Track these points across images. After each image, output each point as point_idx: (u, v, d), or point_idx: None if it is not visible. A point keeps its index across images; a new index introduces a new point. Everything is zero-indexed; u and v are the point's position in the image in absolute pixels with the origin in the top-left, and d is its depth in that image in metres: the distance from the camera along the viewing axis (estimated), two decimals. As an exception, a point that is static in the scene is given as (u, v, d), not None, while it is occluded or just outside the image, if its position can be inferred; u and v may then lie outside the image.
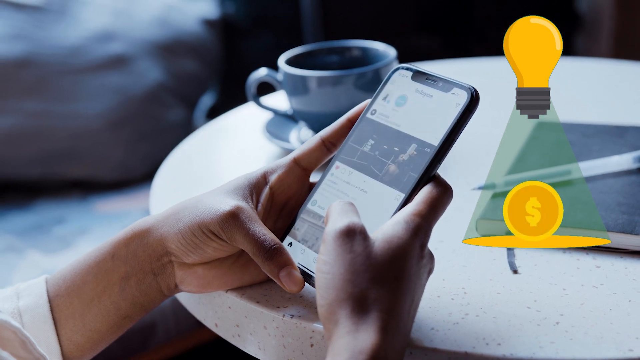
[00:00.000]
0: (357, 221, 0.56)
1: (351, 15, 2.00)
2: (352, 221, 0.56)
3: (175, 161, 0.98)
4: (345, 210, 0.57)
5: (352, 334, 0.52)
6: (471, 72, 1.25)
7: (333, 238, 0.55)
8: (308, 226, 0.64)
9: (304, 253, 0.63)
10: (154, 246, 0.64)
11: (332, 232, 0.56)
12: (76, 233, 1.48)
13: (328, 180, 0.64)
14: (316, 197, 0.64)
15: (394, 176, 0.61)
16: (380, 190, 0.61)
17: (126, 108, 1.66)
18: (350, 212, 0.57)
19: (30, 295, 0.66)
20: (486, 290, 0.65)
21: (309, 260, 0.63)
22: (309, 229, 0.64)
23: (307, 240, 0.63)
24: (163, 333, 1.32)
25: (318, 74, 0.91)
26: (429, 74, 0.63)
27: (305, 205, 0.65)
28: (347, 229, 0.55)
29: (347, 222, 0.56)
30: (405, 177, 0.60)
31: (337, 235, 0.55)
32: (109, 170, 1.66)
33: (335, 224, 0.56)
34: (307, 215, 0.64)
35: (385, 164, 0.61)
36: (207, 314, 0.71)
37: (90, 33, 1.69)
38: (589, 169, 0.79)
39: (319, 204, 0.64)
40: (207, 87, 1.89)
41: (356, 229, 0.55)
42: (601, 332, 0.59)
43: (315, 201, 0.64)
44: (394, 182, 0.60)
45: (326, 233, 0.56)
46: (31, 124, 1.61)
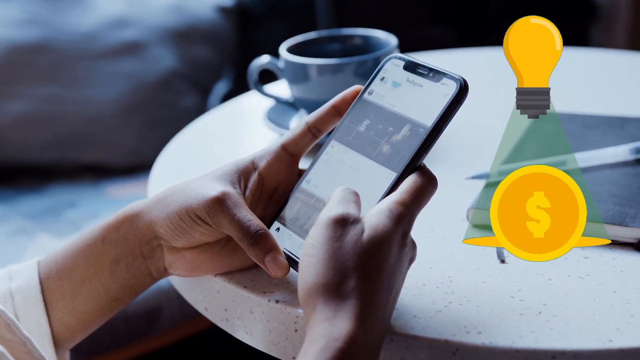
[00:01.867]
0: (353, 212, 0.56)
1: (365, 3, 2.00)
2: (347, 211, 0.56)
3: (177, 148, 0.99)
4: (346, 199, 0.58)
5: (329, 320, 0.52)
6: (483, 62, 1.25)
7: (324, 224, 0.56)
8: (300, 205, 0.64)
9: (290, 238, 0.64)
10: (143, 230, 0.65)
11: (326, 217, 0.56)
12: (87, 217, 1.50)
13: (323, 159, 0.65)
14: (310, 176, 0.65)
15: (379, 166, 0.61)
16: (374, 169, 0.61)
17: (139, 94, 1.68)
18: (350, 201, 0.57)
19: (22, 277, 0.67)
20: (472, 279, 0.65)
21: (295, 245, 0.63)
22: (302, 207, 0.64)
23: (299, 219, 0.64)
24: (168, 317, 1.33)
25: (318, 61, 0.91)
26: (420, 64, 0.63)
27: (298, 185, 0.65)
28: (340, 217, 0.55)
29: (342, 211, 0.56)
30: (390, 167, 0.60)
31: (330, 221, 0.55)
32: (122, 155, 1.67)
33: (331, 210, 0.56)
34: (300, 194, 0.65)
35: (379, 143, 0.62)
36: (197, 298, 0.71)
37: (105, 19, 1.70)
38: (584, 160, 0.79)
39: (313, 182, 0.64)
40: (221, 74, 1.90)
41: (349, 219, 0.55)
42: (582, 323, 0.58)
43: (309, 180, 0.65)
44: (379, 172, 0.61)
45: (320, 217, 0.56)
46: (45, 108, 1.63)
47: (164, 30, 1.74)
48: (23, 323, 0.65)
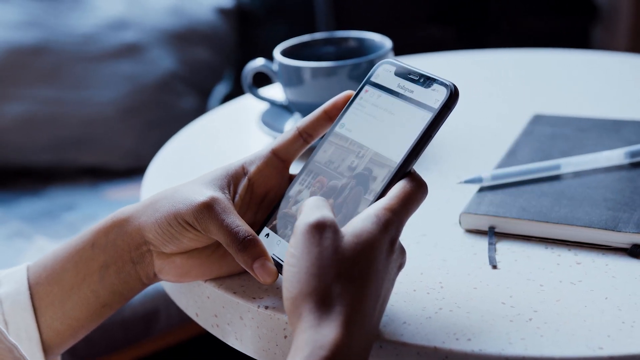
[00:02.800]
0: (329, 216, 0.56)
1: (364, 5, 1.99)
2: (323, 215, 0.55)
3: (170, 151, 0.98)
4: (319, 205, 0.57)
5: (314, 328, 0.52)
6: (480, 64, 1.24)
7: (302, 231, 0.55)
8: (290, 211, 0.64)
9: (279, 244, 0.63)
10: (132, 235, 0.64)
11: (302, 225, 0.55)
12: (85, 220, 1.50)
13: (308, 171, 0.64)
14: (300, 182, 0.64)
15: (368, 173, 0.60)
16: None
17: (139, 96, 1.68)
18: (323, 207, 0.57)
19: (10, 283, 0.66)
20: (463, 285, 0.64)
21: (284, 251, 0.62)
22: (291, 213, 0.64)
23: (288, 225, 0.63)
24: (165, 320, 1.33)
25: (312, 64, 0.90)
26: (411, 69, 0.63)
27: (288, 191, 0.65)
28: (317, 223, 0.55)
29: (318, 216, 0.55)
30: (379, 173, 0.60)
31: (307, 228, 0.55)
32: (120, 157, 1.67)
33: (307, 217, 0.56)
34: (289, 200, 0.64)
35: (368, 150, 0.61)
36: (188, 304, 0.71)
37: (104, 21, 1.70)
38: (579, 163, 0.78)
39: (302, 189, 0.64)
40: (221, 76, 1.89)
41: (326, 223, 0.55)
42: (573, 329, 0.58)
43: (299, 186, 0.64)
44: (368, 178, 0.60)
45: (296, 226, 0.56)
46: (44, 110, 1.63)
47: (163, 32, 1.73)
48: (12, 329, 0.65)
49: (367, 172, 0.61)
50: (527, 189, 0.75)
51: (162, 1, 1.77)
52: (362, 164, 0.61)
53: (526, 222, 0.70)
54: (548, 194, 0.74)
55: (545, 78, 1.15)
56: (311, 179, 0.64)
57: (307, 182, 0.64)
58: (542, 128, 0.89)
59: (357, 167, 0.61)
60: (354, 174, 0.61)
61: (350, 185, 0.61)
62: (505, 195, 0.74)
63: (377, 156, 0.61)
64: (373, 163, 0.61)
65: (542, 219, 0.70)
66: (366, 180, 0.60)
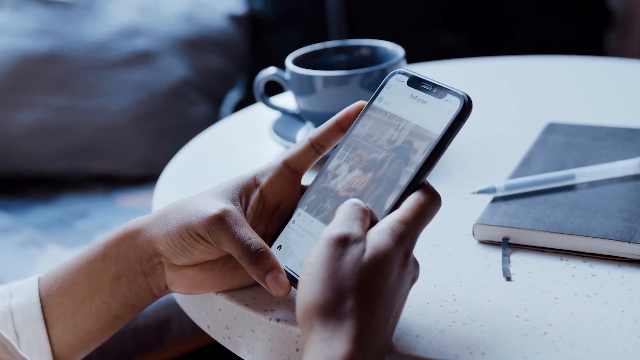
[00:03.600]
0: (356, 231, 0.55)
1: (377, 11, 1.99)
2: (350, 230, 0.55)
3: (182, 160, 0.98)
4: (351, 216, 0.56)
5: (326, 342, 0.51)
6: (494, 71, 1.24)
7: (325, 243, 0.55)
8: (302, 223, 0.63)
9: (292, 257, 0.63)
10: (144, 247, 0.64)
11: (327, 236, 0.55)
12: (98, 228, 1.50)
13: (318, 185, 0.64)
14: (312, 195, 0.64)
15: (382, 184, 0.60)
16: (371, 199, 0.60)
17: (150, 103, 1.68)
18: (355, 219, 0.56)
19: (22, 295, 0.66)
20: (477, 298, 0.64)
21: (296, 264, 0.62)
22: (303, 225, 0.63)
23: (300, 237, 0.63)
24: (178, 329, 1.33)
25: (324, 73, 0.90)
26: (424, 79, 0.62)
27: (301, 202, 0.64)
28: (342, 237, 0.54)
29: (345, 231, 0.55)
30: (393, 185, 0.59)
31: (331, 241, 0.54)
32: (133, 165, 1.67)
33: (334, 229, 0.55)
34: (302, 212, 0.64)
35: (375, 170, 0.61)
36: (200, 315, 0.71)
37: (116, 29, 1.70)
38: (593, 173, 0.77)
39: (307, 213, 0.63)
40: (233, 83, 1.89)
41: (351, 238, 0.54)
42: (589, 344, 0.57)
43: (301, 212, 0.64)
44: (382, 190, 0.60)
45: (322, 235, 0.55)
46: (57, 118, 1.63)
47: (175, 39, 1.74)
48: (23, 341, 0.65)
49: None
50: (541, 200, 0.74)
51: (175, 8, 1.77)
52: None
53: (540, 234, 0.69)
54: (562, 204, 0.73)
55: (558, 85, 1.14)
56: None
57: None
58: (556, 137, 0.88)
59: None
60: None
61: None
62: (519, 205, 0.74)
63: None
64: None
65: (556, 230, 0.69)
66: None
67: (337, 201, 0.61)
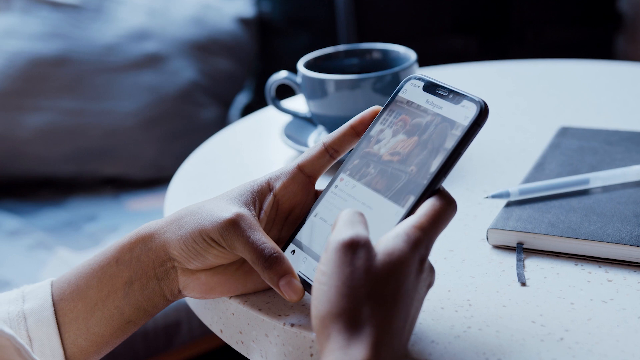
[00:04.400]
0: (362, 234, 0.55)
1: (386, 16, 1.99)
2: (356, 233, 0.55)
3: (194, 164, 0.98)
4: (353, 220, 0.56)
5: (343, 349, 0.51)
6: (504, 75, 1.23)
7: (335, 249, 0.54)
8: (316, 227, 0.63)
9: (305, 261, 0.62)
10: (157, 251, 0.64)
11: (335, 242, 0.55)
12: (107, 231, 1.50)
13: (331, 192, 0.63)
14: (318, 209, 0.64)
15: (398, 190, 0.59)
16: (384, 205, 0.60)
17: (160, 107, 1.68)
18: (357, 222, 0.56)
19: (35, 299, 0.66)
20: (492, 303, 0.63)
21: (310, 269, 0.62)
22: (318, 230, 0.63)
23: (314, 241, 0.62)
24: (187, 332, 1.32)
25: (336, 77, 0.90)
26: (440, 85, 0.62)
27: (314, 207, 0.64)
28: (350, 241, 0.54)
29: (351, 234, 0.54)
30: (409, 190, 0.59)
31: (339, 247, 0.54)
32: (142, 168, 1.67)
33: (340, 234, 0.55)
34: (316, 216, 0.63)
35: (391, 176, 0.60)
36: (212, 320, 0.71)
37: (126, 32, 1.70)
38: (607, 178, 0.77)
39: (321, 216, 0.63)
40: (242, 86, 1.89)
41: (360, 242, 0.54)
42: (605, 350, 0.57)
43: (317, 213, 0.63)
44: (398, 196, 0.59)
45: (329, 242, 0.55)
46: (66, 121, 1.63)
47: (184, 42, 1.74)
48: (36, 345, 0.65)
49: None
50: (555, 204, 0.74)
51: (183, 11, 1.77)
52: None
53: (555, 239, 0.69)
54: (577, 209, 0.73)
55: (569, 89, 1.14)
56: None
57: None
58: (569, 141, 0.88)
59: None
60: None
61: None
62: (533, 210, 0.73)
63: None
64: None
65: (571, 235, 0.69)
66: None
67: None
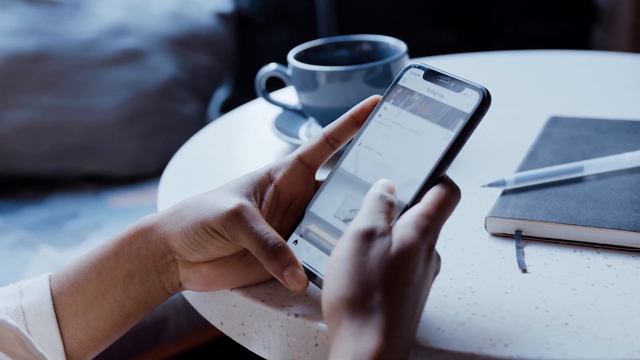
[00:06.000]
0: (381, 225, 0.55)
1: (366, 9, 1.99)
2: (376, 224, 0.54)
3: (184, 158, 0.97)
4: (377, 209, 0.56)
5: (355, 336, 0.51)
6: (487, 67, 1.24)
7: (352, 237, 0.54)
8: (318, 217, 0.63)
9: (309, 251, 0.62)
10: (157, 244, 0.63)
11: (354, 230, 0.54)
12: (89, 228, 1.48)
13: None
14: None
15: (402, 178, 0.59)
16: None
17: (140, 102, 1.66)
18: (380, 212, 0.56)
19: (33, 293, 0.65)
20: (494, 290, 0.64)
21: (313, 259, 0.62)
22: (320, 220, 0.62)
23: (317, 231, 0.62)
24: (175, 328, 1.32)
25: (327, 69, 0.90)
26: (441, 73, 0.62)
27: (315, 197, 0.64)
28: (368, 231, 0.54)
29: (371, 225, 0.54)
30: (411, 181, 0.59)
31: (357, 235, 0.54)
32: (123, 165, 1.66)
33: (360, 222, 0.55)
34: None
35: (390, 169, 0.60)
36: (212, 312, 0.70)
37: (104, 27, 1.69)
38: (601, 165, 0.78)
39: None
40: (221, 82, 1.88)
41: (377, 232, 0.54)
42: (610, 334, 0.57)
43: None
44: (402, 184, 0.59)
45: (348, 229, 0.55)
46: (46, 118, 1.62)
47: (163, 37, 1.72)
48: (35, 340, 0.64)
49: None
50: (551, 192, 0.75)
51: (162, 6, 1.76)
52: None
53: (554, 225, 0.69)
54: (573, 196, 0.74)
55: (553, 80, 1.15)
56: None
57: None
58: (560, 130, 0.89)
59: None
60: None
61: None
62: (529, 198, 0.74)
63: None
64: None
65: (569, 221, 0.69)
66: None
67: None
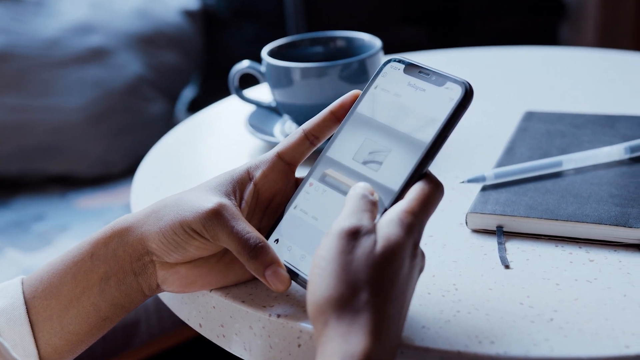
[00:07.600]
0: (367, 223, 0.54)
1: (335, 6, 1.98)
2: (360, 223, 0.53)
3: (156, 157, 0.96)
4: (360, 208, 0.55)
5: (343, 337, 0.50)
6: (458, 63, 1.24)
7: (336, 235, 0.53)
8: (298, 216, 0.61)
9: (290, 250, 0.61)
10: (134, 245, 0.62)
11: (338, 229, 0.53)
12: (56, 230, 1.46)
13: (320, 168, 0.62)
14: (297, 201, 0.62)
15: (384, 175, 0.58)
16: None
17: (106, 101, 1.64)
18: (364, 211, 0.55)
19: (5, 297, 0.63)
20: (478, 287, 0.63)
21: (295, 258, 0.60)
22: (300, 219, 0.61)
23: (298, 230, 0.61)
24: (146, 331, 1.30)
25: (302, 65, 0.88)
26: (422, 67, 0.61)
27: (295, 196, 0.62)
28: (353, 229, 0.53)
29: (355, 223, 0.53)
30: (396, 175, 0.58)
31: (342, 233, 0.53)
32: (89, 165, 1.63)
33: (344, 221, 0.54)
34: (297, 205, 0.62)
35: (375, 162, 0.59)
36: (190, 314, 0.69)
37: (69, 25, 1.66)
38: (580, 160, 0.77)
39: (301, 208, 0.62)
40: (188, 80, 1.86)
41: (361, 230, 0.53)
42: (596, 329, 0.57)
43: (297, 205, 0.62)
44: (385, 180, 0.58)
45: (332, 227, 0.54)
46: (10, 118, 1.58)
47: (129, 35, 1.70)
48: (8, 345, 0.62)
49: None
50: (531, 187, 0.74)
51: (128, 4, 1.73)
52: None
53: (535, 220, 0.69)
54: (552, 191, 0.73)
55: (525, 75, 1.15)
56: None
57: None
58: (536, 125, 0.88)
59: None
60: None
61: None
62: (509, 193, 0.73)
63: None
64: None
65: (550, 216, 0.69)
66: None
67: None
